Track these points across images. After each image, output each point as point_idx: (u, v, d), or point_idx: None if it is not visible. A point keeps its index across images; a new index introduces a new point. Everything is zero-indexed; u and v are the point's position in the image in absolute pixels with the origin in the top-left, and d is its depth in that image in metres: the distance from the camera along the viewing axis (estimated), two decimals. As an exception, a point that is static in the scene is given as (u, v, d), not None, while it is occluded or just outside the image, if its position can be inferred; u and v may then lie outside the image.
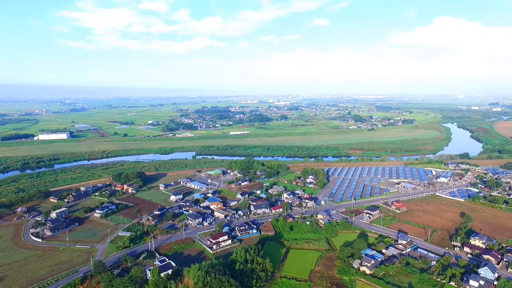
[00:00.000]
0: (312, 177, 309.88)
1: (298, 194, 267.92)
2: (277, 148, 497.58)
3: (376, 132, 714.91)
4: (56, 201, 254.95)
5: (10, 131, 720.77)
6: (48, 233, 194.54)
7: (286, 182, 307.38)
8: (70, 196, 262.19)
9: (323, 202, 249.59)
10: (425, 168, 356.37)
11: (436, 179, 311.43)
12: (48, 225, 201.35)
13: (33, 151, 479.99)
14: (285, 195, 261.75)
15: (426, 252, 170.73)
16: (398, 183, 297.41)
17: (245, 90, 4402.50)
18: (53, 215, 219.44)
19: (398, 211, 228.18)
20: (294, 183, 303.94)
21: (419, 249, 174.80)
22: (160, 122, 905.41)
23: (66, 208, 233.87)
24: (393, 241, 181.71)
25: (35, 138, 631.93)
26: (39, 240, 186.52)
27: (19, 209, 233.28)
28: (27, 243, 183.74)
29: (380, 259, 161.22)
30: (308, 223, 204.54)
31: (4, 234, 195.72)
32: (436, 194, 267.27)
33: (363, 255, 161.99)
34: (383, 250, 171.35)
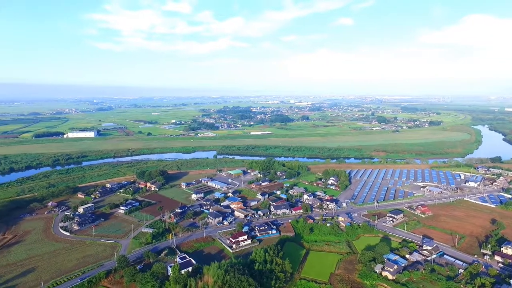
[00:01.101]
0: (334, 179, 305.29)
1: (319, 195, 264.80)
2: (298, 149, 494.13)
3: (401, 134, 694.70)
4: (83, 196, 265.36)
5: (43, 129, 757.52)
6: (76, 227, 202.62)
7: (306, 183, 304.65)
8: (97, 192, 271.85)
9: (344, 204, 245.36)
10: (453, 172, 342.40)
11: (465, 183, 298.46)
12: (76, 219, 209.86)
13: (63, 148, 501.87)
14: (305, 196, 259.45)
15: (453, 259, 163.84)
16: (423, 187, 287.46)
17: (266, 90, 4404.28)
18: (81, 210, 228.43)
19: (423, 216, 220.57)
20: (315, 184, 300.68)
21: (445, 256, 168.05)
22: (182, 122, 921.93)
23: (92, 204, 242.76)
24: (417, 247, 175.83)
25: (65, 136, 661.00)
26: (68, 233, 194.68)
27: (49, 204, 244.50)
28: (57, 236, 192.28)
29: (403, 265, 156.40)
30: (328, 225, 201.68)
31: (36, 227, 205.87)
32: (465, 199, 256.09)
33: (385, 259, 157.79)
34: (407, 256, 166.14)
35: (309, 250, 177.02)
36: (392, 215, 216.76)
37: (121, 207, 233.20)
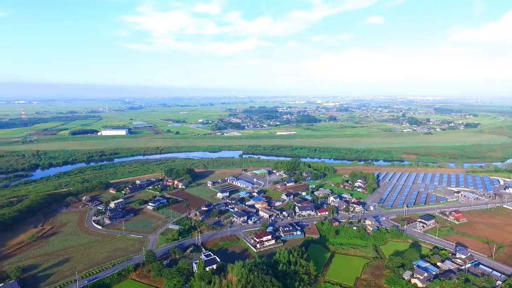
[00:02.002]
0: (361, 181, 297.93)
1: (346, 198, 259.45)
2: (324, 150, 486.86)
3: (434, 136, 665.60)
4: (115, 192, 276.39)
5: (79, 126, 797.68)
6: (107, 221, 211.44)
7: (333, 185, 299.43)
8: (127, 188, 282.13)
9: (372, 208, 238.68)
10: (490, 177, 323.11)
11: (504, 189, 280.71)
12: (107, 214, 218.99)
13: (96, 146, 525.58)
14: (331, 198, 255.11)
15: (490, 270, 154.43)
16: (457, 192, 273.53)
17: (293, 90, 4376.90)
18: (112, 205, 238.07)
19: (456, 222, 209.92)
20: (342, 186, 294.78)
21: (481, 266, 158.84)
22: (209, 121, 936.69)
23: (123, 199, 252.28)
24: (450, 255, 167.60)
25: (99, 133, 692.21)
26: (100, 227, 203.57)
27: (83, 198, 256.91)
28: (90, 229, 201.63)
29: (434, 273, 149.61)
30: (355, 228, 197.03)
31: (71, 220, 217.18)
32: (504, 206, 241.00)
33: (415, 266, 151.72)
34: (438, 263, 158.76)
35: (334, 253, 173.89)
36: (423, 221, 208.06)
37: (150, 204, 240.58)
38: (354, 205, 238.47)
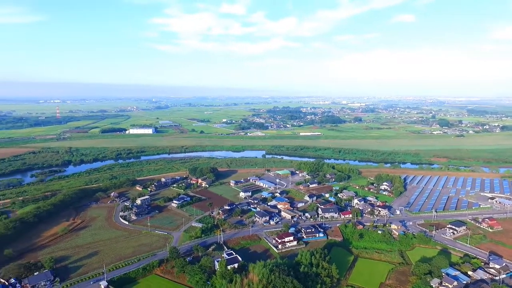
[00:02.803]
0: (387, 184, 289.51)
1: (370, 201, 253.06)
2: (349, 151, 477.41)
3: (466, 138, 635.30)
4: (141, 189, 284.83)
5: (108, 125, 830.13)
6: (134, 217, 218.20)
7: (357, 187, 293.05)
8: (153, 185, 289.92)
9: (398, 212, 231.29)
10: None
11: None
12: (134, 210, 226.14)
13: (124, 144, 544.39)
14: (355, 200, 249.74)
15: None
16: (492, 198, 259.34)
17: (317, 91, 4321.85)
18: (138, 201, 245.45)
19: (490, 230, 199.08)
20: (366, 189, 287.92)
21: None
22: (233, 121, 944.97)
23: (149, 196, 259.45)
24: (482, 264, 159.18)
25: (127, 132, 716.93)
26: (126, 222, 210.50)
27: (112, 194, 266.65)
28: (117, 224, 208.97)
29: (465, 282, 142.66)
30: (380, 232, 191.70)
31: (100, 214, 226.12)
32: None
33: (444, 274, 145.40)
34: (469, 272, 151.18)
35: (358, 256, 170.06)
36: (453, 227, 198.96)
37: (174, 201, 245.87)
38: (379, 209, 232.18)
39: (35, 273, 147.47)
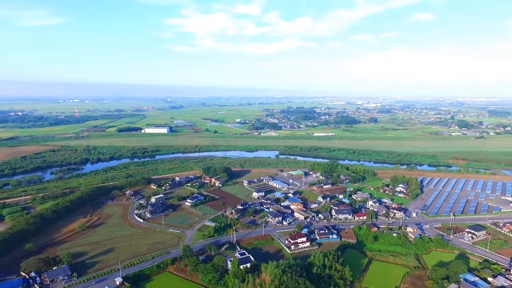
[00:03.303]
0: (403, 186, 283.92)
1: (386, 203, 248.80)
2: (364, 152, 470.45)
3: (487, 140, 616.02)
4: (155, 187, 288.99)
5: (124, 124, 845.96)
6: (148, 215, 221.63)
7: (372, 189, 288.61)
8: (167, 184, 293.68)
9: (414, 215, 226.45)
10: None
11: None
12: (148, 208, 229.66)
13: (140, 143, 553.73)
14: (370, 202, 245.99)
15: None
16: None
17: (332, 91, 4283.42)
18: (153, 200, 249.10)
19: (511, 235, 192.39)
20: (381, 191, 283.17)
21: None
22: (247, 121, 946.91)
23: (163, 195, 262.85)
24: (503, 270, 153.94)
25: (142, 131, 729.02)
26: (141, 220, 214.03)
27: (127, 192, 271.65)
28: (132, 222, 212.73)
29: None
30: (395, 235, 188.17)
31: (115, 212, 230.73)
32: None
33: (462, 279, 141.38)
34: (489, 279, 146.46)
35: (372, 259, 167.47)
36: (472, 231, 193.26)
37: (188, 200, 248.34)
38: (395, 211, 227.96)
39: (54, 268, 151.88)
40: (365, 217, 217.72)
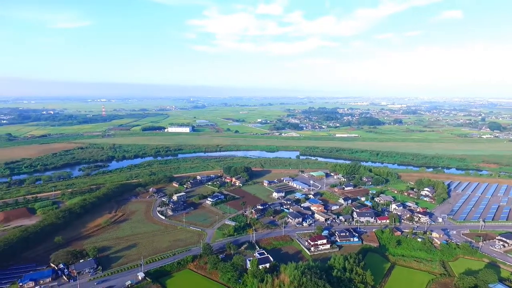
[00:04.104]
0: (429, 190, 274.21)
1: (410, 206, 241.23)
2: (387, 154, 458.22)
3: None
4: (177, 186, 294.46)
5: (148, 123, 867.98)
6: (170, 212, 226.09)
7: (396, 192, 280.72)
8: (189, 183, 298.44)
9: (440, 219, 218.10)
10: None
11: None
12: (170, 206, 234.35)
13: (163, 141, 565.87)
14: (393, 205, 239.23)
15: None
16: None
17: (355, 91, 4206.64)
18: (175, 198, 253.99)
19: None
20: (406, 194, 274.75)
21: None
22: (268, 121, 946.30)
23: (185, 193, 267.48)
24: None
25: (165, 130, 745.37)
26: (163, 217, 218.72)
27: (150, 189, 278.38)
28: (155, 219, 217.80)
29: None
30: (419, 240, 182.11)
31: (139, 209, 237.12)
32: None
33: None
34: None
35: (395, 264, 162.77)
36: (504, 239, 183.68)
37: (209, 199, 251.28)
38: (420, 215, 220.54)
39: (81, 261, 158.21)
40: (388, 221, 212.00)
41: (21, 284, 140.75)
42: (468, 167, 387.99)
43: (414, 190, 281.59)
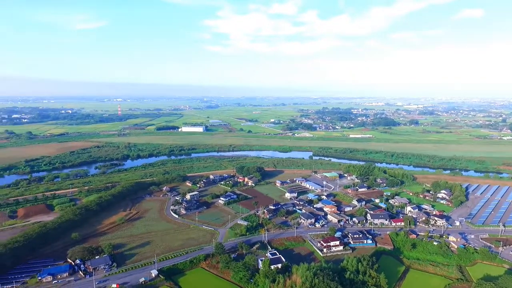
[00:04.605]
0: (445, 192, 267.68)
1: (426, 209, 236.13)
2: (403, 156, 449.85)
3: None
4: (190, 185, 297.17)
5: (163, 123, 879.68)
6: (183, 211, 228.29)
7: (411, 194, 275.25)
8: (202, 182, 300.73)
9: (457, 223, 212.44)
10: None
11: None
12: (183, 204, 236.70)
13: (177, 141, 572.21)
14: (409, 208, 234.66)
15: None
16: None
17: (370, 91, 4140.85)
18: (188, 197, 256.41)
19: None
20: (421, 196, 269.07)
21: None
22: (281, 121, 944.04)
23: (197, 192, 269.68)
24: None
25: (179, 129, 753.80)
26: (176, 216, 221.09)
27: (164, 188, 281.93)
28: (168, 217, 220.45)
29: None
30: (435, 243, 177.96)
31: (153, 207, 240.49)
32: None
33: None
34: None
35: (410, 267, 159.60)
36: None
37: (221, 198, 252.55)
38: (436, 218, 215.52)
39: (96, 257, 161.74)
40: (402, 223, 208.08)
41: (40, 278, 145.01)
42: (488, 170, 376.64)
43: (430, 192, 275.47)
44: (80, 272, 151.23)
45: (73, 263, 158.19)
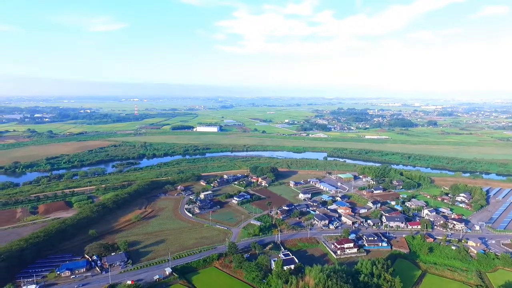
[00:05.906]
0: (465, 196, 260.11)
1: (444, 212, 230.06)
2: (420, 158, 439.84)
3: None
4: (204, 184, 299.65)
5: (178, 122, 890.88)
6: (197, 210, 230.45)
7: (428, 196, 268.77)
8: (215, 181, 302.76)
9: (477, 227, 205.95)
10: None
11: None
12: (197, 204, 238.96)
13: (192, 140, 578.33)
14: (426, 211, 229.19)
15: None
16: None
17: (387, 92, 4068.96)
18: (202, 196, 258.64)
19: None
20: (439, 199, 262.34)
21: None
22: (295, 122, 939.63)
23: (211, 192, 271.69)
24: None
25: (194, 129, 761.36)
26: (190, 215, 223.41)
27: (178, 187, 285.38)
28: (182, 216, 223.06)
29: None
30: (454, 248, 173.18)
31: (167, 206, 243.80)
32: None
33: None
34: None
35: (426, 272, 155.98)
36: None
37: (235, 198, 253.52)
38: (454, 222, 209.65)
39: (112, 254, 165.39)
40: (419, 226, 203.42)
41: (58, 272, 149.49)
42: (510, 173, 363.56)
43: (449, 195, 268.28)
44: (97, 268, 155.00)
45: (90, 259, 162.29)
